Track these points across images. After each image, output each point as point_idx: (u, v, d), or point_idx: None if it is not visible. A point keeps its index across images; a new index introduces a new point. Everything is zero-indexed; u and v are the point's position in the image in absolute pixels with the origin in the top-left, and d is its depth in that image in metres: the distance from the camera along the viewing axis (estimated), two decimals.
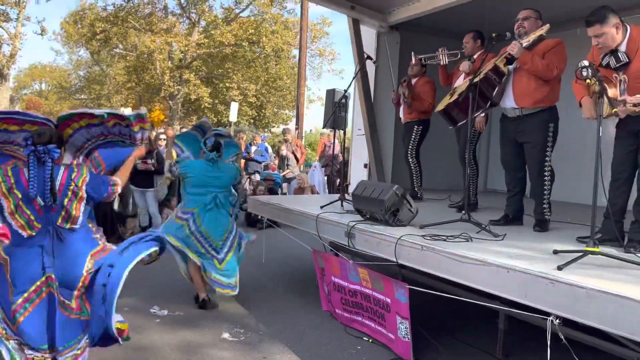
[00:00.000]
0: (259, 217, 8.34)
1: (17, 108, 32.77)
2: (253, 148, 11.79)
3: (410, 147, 5.96)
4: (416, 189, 5.97)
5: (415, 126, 5.91)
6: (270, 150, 13.10)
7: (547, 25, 4.09)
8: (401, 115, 6.10)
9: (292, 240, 5.95)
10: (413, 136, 5.92)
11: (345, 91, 5.64)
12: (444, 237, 3.57)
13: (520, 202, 4.45)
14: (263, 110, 28.80)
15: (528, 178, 4.38)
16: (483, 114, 4.81)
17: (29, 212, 2.82)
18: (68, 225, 2.91)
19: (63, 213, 2.88)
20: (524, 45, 4.06)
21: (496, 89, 4.18)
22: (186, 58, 25.41)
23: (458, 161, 5.61)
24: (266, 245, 6.38)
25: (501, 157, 4.51)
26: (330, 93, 8.54)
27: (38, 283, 2.83)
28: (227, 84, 25.61)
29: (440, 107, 4.55)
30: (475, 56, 5.00)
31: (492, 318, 3.89)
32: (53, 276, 2.84)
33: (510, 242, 3.60)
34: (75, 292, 2.92)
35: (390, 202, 4.04)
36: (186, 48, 24.59)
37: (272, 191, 9.90)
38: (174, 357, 3.92)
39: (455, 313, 4.82)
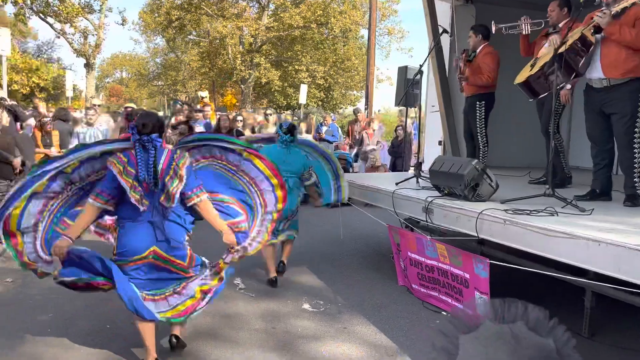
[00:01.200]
0: None
1: (101, 96, 34.80)
2: (324, 128, 11.90)
3: (478, 125, 5.71)
4: None
5: (477, 102, 5.65)
6: (340, 130, 13.15)
7: None
8: (463, 89, 5.89)
9: (366, 218, 6.02)
10: (477, 113, 5.67)
11: (421, 67, 5.56)
12: (528, 211, 3.50)
13: (607, 176, 4.25)
14: (331, 92, 28.91)
15: (616, 151, 4.18)
16: (569, 86, 4.61)
17: (140, 189, 3.14)
18: (168, 204, 3.16)
19: (165, 191, 3.14)
20: (613, 12, 3.85)
21: (582, 60, 4.01)
22: (256, 42, 25.85)
23: (537, 137, 5.41)
24: (342, 223, 6.50)
25: (587, 129, 4.32)
26: (402, 70, 8.47)
27: (145, 254, 3.13)
28: (296, 67, 25.87)
29: (520, 79, 4.40)
30: (560, 25, 4.78)
31: (578, 295, 3.80)
32: (157, 249, 3.13)
33: (599, 216, 3.47)
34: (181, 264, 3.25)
35: (469, 177, 4.00)
36: (256, 32, 25.00)
37: (344, 170, 9.97)
38: (259, 325, 4.12)
39: (537, 289, 4.71)
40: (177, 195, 3.18)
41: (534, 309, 0.98)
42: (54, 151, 7.73)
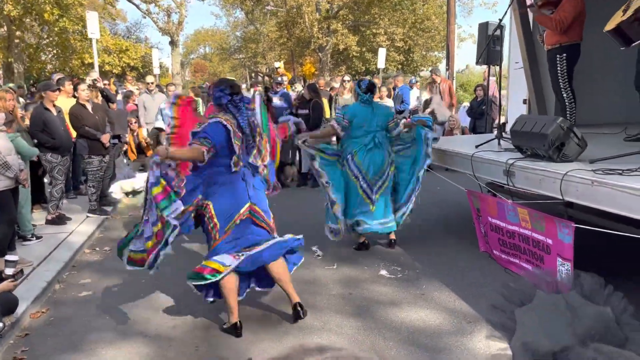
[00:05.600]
0: None
1: (187, 72, 36.24)
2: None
3: (560, 80, 5.24)
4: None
5: (558, 55, 5.18)
6: (414, 93, 12.44)
7: None
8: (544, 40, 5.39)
9: (445, 183, 5.85)
10: (559, 67, 5.19)
11: (500, 21, 5.21)
12: (620, 171, 3.22)
13: None
14: (411, 55, 28.12)
15: None
16: None
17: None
18: (259, 162, 3.31)
19: (255, 151, 3.32)
20: None
21: None
22: (333, 8, 25.55)
23: (634, 89, 4.92)
24: (419, 188, 6.35)
25: None
26: (483, 26, 8.01)
27: (242, 210, 3.33)
28: (374, 30, 25.34)
29: (611, 25, 4.00)
30: None
31: None
32: (254, 206, 3.36)
33: None
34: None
35: (554, 136, 3.74)
36: None
37: None
38: (337, 290, 4.18)
39: (630, 254, 4.39)
40: (268, 156, 3.33)
41: (586, 277, 0.90)
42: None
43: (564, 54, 5.08)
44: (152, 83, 9.58)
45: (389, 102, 10.26)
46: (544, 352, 0.75)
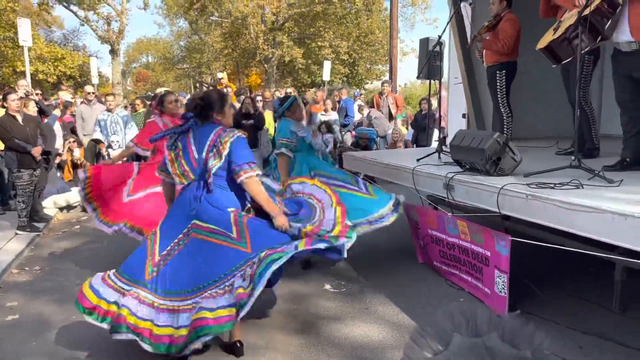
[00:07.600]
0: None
1: (129, 81, 35.17)
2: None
3: (499, 96, 5.46)
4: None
5: (497, 72, 5.40)
6: (356, 105, 12.41)
7: None
8: (483, 57, 5.63)
9: None
10: (498, 84, 5.42)
11: (440, 37, 5.36)
12: (552, 185, 3.35)
13: (638, 144, 4.05)
14: (356, 67, 28.53)
15: None
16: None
17: (184, 167, 3.23)
18: (205, 178, 3.17)
19: (207, 169, 3.16)
20: None
21: (609, 22, 3.78)
22: (278, 20, 25.61)
23: (565, 105, 5.18)
24: None
25: (616, 95, 4.11)
26: (424, 42, 8.25)
27: (185, 230, 3.19)
28: (319, 43, 25.56)
29: (542, 43, 4.20)
30: None
31: (607, 270, 3.66)
32: (197, 222, 3.16)
33: (628, 187, 3.30)
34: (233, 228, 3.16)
35: (491, 151, 3.85)
36: (278, 10, 24.75)
37: (366, 149, 9.81)
38: (282, 306, 4.11)
39: (564, 265, 4.58)
40: (213, 170, 3.13)
41: (507, 319, 0.89)
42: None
43: (504, 71, 5.31)
44: (91, 93, 9.19)
45: (334, 115, 10.33)
46: None
